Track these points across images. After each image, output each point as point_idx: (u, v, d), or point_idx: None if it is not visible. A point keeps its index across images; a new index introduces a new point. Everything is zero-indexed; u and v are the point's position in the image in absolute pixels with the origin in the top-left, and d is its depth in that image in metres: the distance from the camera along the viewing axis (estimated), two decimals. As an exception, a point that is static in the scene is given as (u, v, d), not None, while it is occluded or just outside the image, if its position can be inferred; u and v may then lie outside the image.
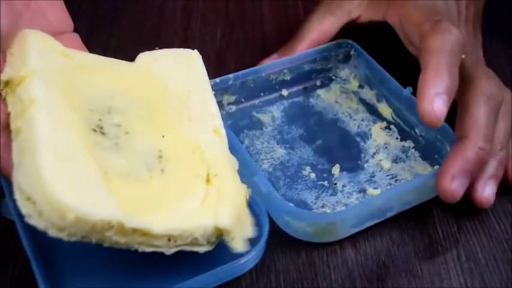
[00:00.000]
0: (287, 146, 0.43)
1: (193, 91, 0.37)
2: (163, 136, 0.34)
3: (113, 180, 0.30)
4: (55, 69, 0.32)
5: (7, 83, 0.32)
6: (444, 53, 0.37)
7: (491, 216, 0.39)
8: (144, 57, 0.38)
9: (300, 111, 0.45)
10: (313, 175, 0.41)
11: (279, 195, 0.36)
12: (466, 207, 0.39)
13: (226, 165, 0.34)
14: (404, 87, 0.42)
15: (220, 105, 0.40)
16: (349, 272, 0.36)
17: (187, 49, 0.38)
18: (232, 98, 0.44)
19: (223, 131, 0.35)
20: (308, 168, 0.41)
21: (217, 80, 0.43)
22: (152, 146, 0.33)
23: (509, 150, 0.39)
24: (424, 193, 0.38)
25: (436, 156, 0.41)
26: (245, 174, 0.35)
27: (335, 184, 0.40)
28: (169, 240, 0.30)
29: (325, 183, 0.40)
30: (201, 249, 0.32)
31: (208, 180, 0.33)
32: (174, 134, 0.34)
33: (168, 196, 0.32)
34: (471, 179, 0.36)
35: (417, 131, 0.42)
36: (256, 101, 0.46)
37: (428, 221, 0.38)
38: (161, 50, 0.39)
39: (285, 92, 0.46)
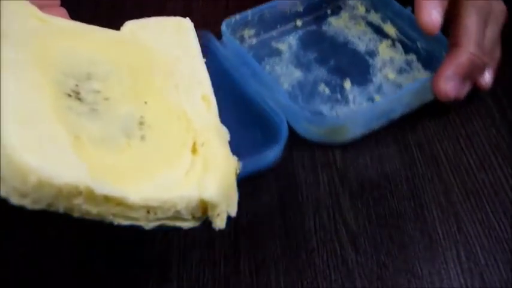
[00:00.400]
0: (303, 68, 0.48)
1: (182, 58, 0.35)
2: (145, 102, 0.32)
3: (84, 146, 0.28)
4: (29, 32, 0.31)
5: None
6: None
7: (491, 216, 0.39)
8: (131, 25, 0.36)
9: (314, 38, 0.50)
10: (327, 90, 0.46)
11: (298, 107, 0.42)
12: (466, 207, 0.39)
13: (214, 135, 0.32)
14: (406, 8, 0.48)
15: (241, 39, 0.49)
16: (349, 272, 0.36)
17: (178, 17, 0.37)
18: (252, 32, 0.49)
19: (212, 98, 0.34)
20: (323, 85, 0.46)
21: (237, 16, 0.47)
22: (133, 112, 0.31)
23: (493, 57, 0.44)
24: (423, 95, 0.43)
25: (436, 65, 0.43)
26: (268, 95, 0.42)
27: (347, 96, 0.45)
28: (148, 212, 0.28)
29: (338, 96, 0.45)
30: (185, 225, 0.30)
31: (194, 150, 0.31)
32: (159, 100, 0.32)
33: (148, 165, 0.29)
34: (465, 82, 0.42)
35: (419, 44, 0.48)
36: (274, 33, 0.50)
37: (428, 221, 0.38)
38: (149, 18, 0.37)
39: (299, 23, 0.51)
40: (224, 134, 0.33)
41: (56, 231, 0.38)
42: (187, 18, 0.37)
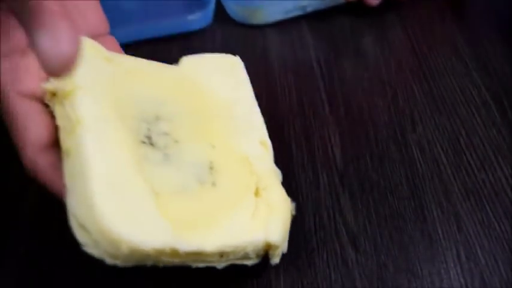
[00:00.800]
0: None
1: (238, 100, 0.36)
2: (213, 146, 0.33)
3: (164, 199, 0.29)
4: (101, 79, 0.31)
5: (53, 94, 0.30)
6: None
7: (491, 216, 0.39)
8: (188, 62, 0.37)
9: None
10: None
11: None
12: (466, 207, 0.39)
13: (273, 179, 0.34)
14: None
15: None
16: (349, 272, 0.36)
17: (230, 55, 0.39)
18: None
19: (269, 143, 0.35)
20: None
21: None
22: (202, 156, 0.32)
23: None
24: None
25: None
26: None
27: None
28: (221, 256, 0.30)
29: None
30: (250, 262, 0.32)
31: (257, 193, 0.33)
32: (223, 144, 0.33)
33: (219, 210, 0.31)
34: None
35: None
36: None
37: (428, 221, 0.38)
38: (204, 54, 0.38)
39: None
40: (279, 176, 0.35)
41: (56, 231, 0.38)
42: (238, 56, 0.39)
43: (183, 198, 0.30)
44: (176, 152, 0.31)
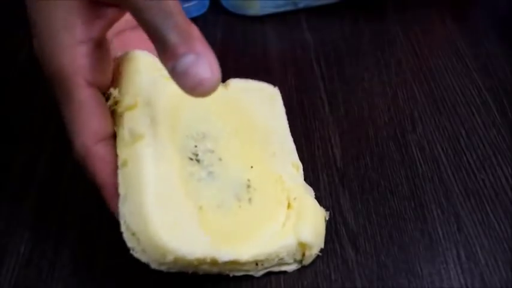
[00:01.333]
0: None
1: (275, 128, 0.39)
2: (251, 166, 0.36)
3: (206, 214, 0.32)
4: (160, 95, 0.34)
5: (116, 103, 0.33)
6: None
7: (491, 216, 0.39)
8: (235, 84, 0.39)
9: None
10: None
11: None
12: (466, 207, 0.39)
13: (304, 190, 0.36)
14: None
15: None
16: (349, 272, 0.36)
17: (271, 85, 0.41)
18: None
19: (300, 165, 0.39)
20: None
21: None
22: (241, 175, 0.35)
23: None
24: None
25: None
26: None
27: None
28: (256, 264, 0.33)
29: None
30: (290, 268, 0.35)
31: (289, 206, 0.35)
32: (261, 165, 0.36)
33: (254, 224, 0.33)
34: None
35: None
36: None
37: (428, 221, 0.38)
38: (249, 80, 0.41)
39: None
40: (312, 192, 0.38)
41: (56, 231, 0.38)
42: (277, 87, 0.41)
43: (222, 213, 0.33)
44: (219, 170, 0.34)
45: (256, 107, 0.39)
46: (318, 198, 0.40)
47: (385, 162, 0.42)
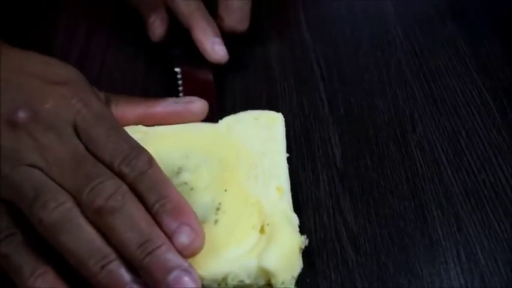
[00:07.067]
0: None
1: (267, 153, 0.39)
2: (225, 190, 0.36)
3: None
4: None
5: None
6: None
7: (491, 216, 0.39)
8: (227, 119, 0.41)
9: None
10: None
11: None
12: (466, 207, 0.39)
13: (281, 216, 0.35)
14: None
15: None
16: (349, 272, 0.36)
17: (272, 111, 0.41)
18: None
19: (286, 188, 0.37)
20: None
21: None
22: (213, 199, 0.36)
23: None
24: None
25: None
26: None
27: None
28: (219, 284, 0.33)
29: None
30: None
31: (262, 231, 0.35)
32: (237, 189, 0.37)
33: (218, 244, 0.34)
34: None
35: None
36: None
37: (428, 221, 0.38)
38: (246, 111, 0.41)
39: None
40: (293, 218, 0.36)
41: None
42: (280, 113, 0.41)
43: None
44: (189, 199, 0.35)
45: (249, 133, 0.40)
46: (318, 198, 0.40)
47: (385, 162, 0.42)
